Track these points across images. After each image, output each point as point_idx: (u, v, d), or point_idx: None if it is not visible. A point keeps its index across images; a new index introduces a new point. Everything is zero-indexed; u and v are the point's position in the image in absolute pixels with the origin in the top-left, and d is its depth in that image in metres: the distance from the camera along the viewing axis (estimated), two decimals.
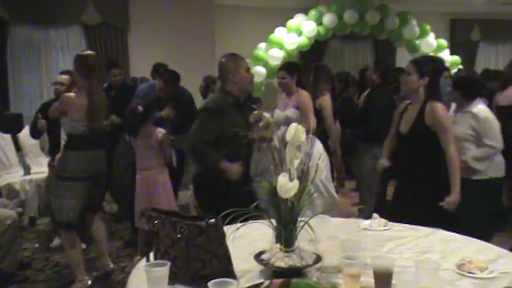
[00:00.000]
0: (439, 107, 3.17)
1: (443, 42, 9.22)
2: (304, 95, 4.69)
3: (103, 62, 7.40)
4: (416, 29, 8.88)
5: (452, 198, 3.13)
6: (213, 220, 1.73)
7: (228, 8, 9.19)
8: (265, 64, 8.34)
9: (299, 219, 1.85)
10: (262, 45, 8.50)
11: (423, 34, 8.98)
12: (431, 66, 3.33)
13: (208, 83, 6.92)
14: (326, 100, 5.19)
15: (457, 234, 2.36)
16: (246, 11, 9.36)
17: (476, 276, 1.83)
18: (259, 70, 8.28)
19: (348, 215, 5.52)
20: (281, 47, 8.43)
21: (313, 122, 4.47)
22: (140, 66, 7.82)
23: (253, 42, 8.58)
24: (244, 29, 9.19)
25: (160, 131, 4.27)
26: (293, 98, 4.69)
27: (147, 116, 4.23)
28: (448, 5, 9.83)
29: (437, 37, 9.12)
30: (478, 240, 2.30)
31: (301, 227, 1.84)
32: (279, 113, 4.78)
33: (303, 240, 1.91)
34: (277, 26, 8.53)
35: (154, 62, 6.46)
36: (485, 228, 3.60)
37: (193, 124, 3.29)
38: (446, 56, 9.05)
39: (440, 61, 4.11)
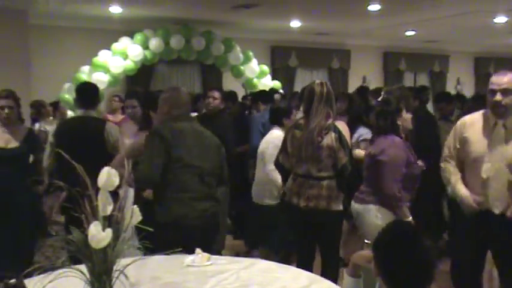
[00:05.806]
0: None
1: (265, 68, 9.76)
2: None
3: None
4: (240, 55, 9.26)
5: None
6: (13, 281, 1.56)
7: (45, 28, 8.60)
8: None
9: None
10: (86, 68, 8.11)
11: (247, 60, 9.40)
12: None
13: (38, 107, 6.90)
14: None
15: (274, 263, 2.47)
16: (65, 31, 8.85)
17: None
18: None
19: None
20: (106, 70, 8.13)
21: None
22: None
23: (75, 65, 8.13)
24: (64, 51, 8.68)
25: None
26: None
27: None
28: (269, 33, 10.49)
29: (259, 63, 9.62)
30: (294, 268, 2.42)
31: (117, 277, 1.74)
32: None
33: (122, 285, 1.82)
34: (101, 49, 8.21)
35: None
36: None
37: None
38: (268, 81, 9.60)
39: None
